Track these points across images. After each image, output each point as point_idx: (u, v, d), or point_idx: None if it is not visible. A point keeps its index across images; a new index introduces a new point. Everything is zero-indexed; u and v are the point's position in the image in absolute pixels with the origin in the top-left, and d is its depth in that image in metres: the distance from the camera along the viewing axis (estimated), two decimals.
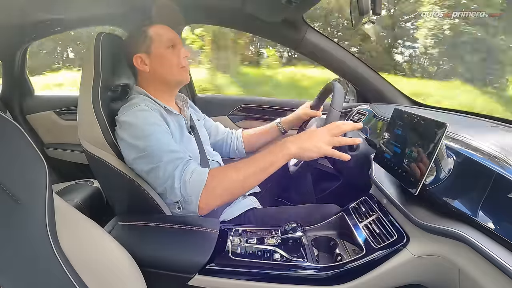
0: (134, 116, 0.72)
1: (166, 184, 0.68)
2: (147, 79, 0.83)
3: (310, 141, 0.65)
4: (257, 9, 1.07)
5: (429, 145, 0.56)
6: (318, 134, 0.66)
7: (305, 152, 0.65)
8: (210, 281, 0.62)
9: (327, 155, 0.66)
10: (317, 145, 0.65)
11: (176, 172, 0.66)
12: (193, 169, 0.67)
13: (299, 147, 0.65)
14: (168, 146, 0.70)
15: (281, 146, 0.66)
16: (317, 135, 0.66)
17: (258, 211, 0.88)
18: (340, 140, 0.67)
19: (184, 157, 0.70)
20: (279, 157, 0.66)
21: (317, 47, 1.19)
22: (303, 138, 0.66)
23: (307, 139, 0.66)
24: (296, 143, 0.66)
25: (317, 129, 0.68)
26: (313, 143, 0.65)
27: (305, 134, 0.67)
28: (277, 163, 0.66)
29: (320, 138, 0.66)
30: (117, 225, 0.70)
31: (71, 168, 1.58)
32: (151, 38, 0.80)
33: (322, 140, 0.65)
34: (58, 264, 0.44)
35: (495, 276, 0.46)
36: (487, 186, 0.51)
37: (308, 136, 0.66)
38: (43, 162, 0.48)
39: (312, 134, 0.67)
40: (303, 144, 0.65)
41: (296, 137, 0.67)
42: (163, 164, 0.68)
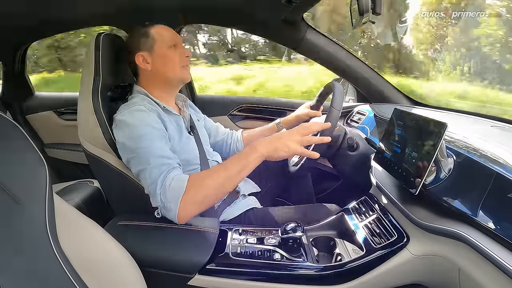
0: (130, 115, 0.72)
1: (150, 188, 0.68)
2: (148, 78, 0.83)
3: (280, 141, 0.67)
4: (257, 9, 1.07)
5: (429, 145, 0.56)
6: (287, 134, 0.69)
7: (276, 152, 0.67)
8: (210, 281, 0.62)
9: (297, 154, 0.68)
10: (287, 144, 0.67)
11: (160, 178, 0.67)
12: (174, 176, 0.67)
13: (270, 148, 0.67)
14: (159, 150, 0.69)
15: (252, 149, 0.67)
16: (286, 135, 0.68)
17: (258, 211, 0.88)
18: (309, 139, 0.69)
19: (171, 163, 0.69)
20: (251, 160, 0.67)
21: (317, 47, 1.19)
22: (274, 139, 0.68)
23: (277, 140, 0.68)
24: (266, 145, 0.67)
25: (288, 131, 0.71)
26: (282, 143, 0.67)
27: (275, 136, 0.69)
28: (249, 166, 0.67)
29: (289, 138, 0.67)
30: (117, 225, 0.71)
31: (71, 168, 1.58)
32: (153, 38, 0.80)
33: (291, 139, 0.67)
34: (58, 264, 0.44)
35: (495, 276, 0.46)
36: (487, 186, 0.51)
37: (278, 137, 0.68)
38: (43, 162, 0.48)
39: (282, 135, 0.69)
40: (273, 145, 0.67)
41: (266, 139, 0.69)
42: (149, 168, 0.68)
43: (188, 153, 0.81)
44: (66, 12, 1.19)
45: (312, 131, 0.70)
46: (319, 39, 1.18)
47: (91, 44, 0.79)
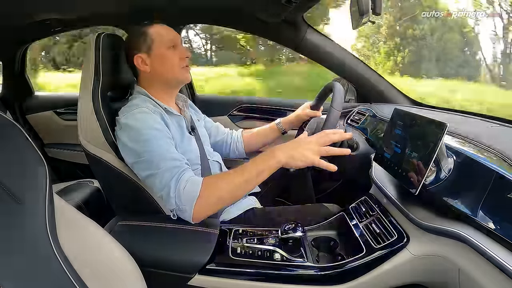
0: (134, 118, 0.72)
1: (162, 192, 0.68)
2: (147, 79, 0.83)
3: (299, 150, 0.66)
4: (257, 9, 1.07)
5: (429, 145, 0.56)
6: (306, 143, 0.67)
7: (293, 161, 0.66)
8: (210, 281, 0.62)
9: (314, 165, 0.66)
10: (305, 154, 0.65)
11: (172, 181, 0.67)
12: (188, 179, 0.67)
13: (288, 156, 0.66)
14: (167, 153, 0.70)
15: (271, 155, 0.67)
16: (306, 144, 0.67)
17: (258, 211, 0.88)
18: (328, 150, 0.66)
19: (181, 165, 0.70)
20: (269, 166, 0.66)
21: (317, 47, 1.19)
22: (292, 147, 0.67)
23: (296, 148, 0.66)
24: (285, 152, 0.66)
25: (306, 137, 0.69)
26: (301, 152, 0.65)
27: (294, 143, 0.68)
28: (266, 172, 0.67)
29: (309, 147, 0.66)
30: (117, 225, 0.70)
31: (71, 168, 1.58)
32: (152, 38, 0.80)
33: (310, 149, 0.66)
34: (58, 264, 0.44)
35: (495, 276, 0.46)
36: (487, 186, 0.51)
37: (297, 145, 0.67)
38: (43, 162, 0.47)
39: (301, 143, 0.67)
40: (292, 153, 0.66)
41: (285, 145, 0.68)
42: (160, 172, 0.68)
43: (189, 153, 0.81)
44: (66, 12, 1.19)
45: (332, 140, 0.68)
46: (319, 39, 1.18)
47: (91, 44, 0.79)
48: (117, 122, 0.75)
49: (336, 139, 0.69)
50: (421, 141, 0.59)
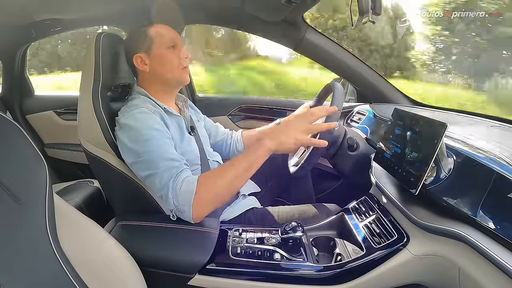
0: (134, 119, 0.72)
1: (162, 192, 0.68)
2: (147, 79, 0.83)
3: (287, 133, 0.66)
4: (257, 9, 1.07)
5: (429, 145, 0.56)
6: (294, 124, 0.67)
7: (283, 145, 0.66)
8: (210, 281, 0.62)
9: (304, 144, 0.67)
10: (294, 135, 0.66)
11: (170, 182, 0.67)
12: (183, 179, 0.67)
13: (277, 142, 0.66)
14: (167, 153, 0.70)
15: (259, 144, 0.67)
16: (292, 126, 0.67)
17: (258, 211, 0.88)
18: (317, 127, 0.67)
19: (179, 166, 0.70)
20: (259, 155, 0.67)
21: (317, 47, 1.19)
22: (280, 131, 0.67)
23: (284, 132, 0.67)
24: (273, 138, 0.67)
25: (292, 119, 0.69)
26: (290, 135, 0.66)
27: (281, 129, 0.68)
28: (258, 161, 0.67)
29: (296, 128, 0.66)
30: (117, 225, 0.70)
31: (71, 168, 1.58)
32: (151, 38, 0.79)
33: (298, 129, 0.66)
34: (58, 264, 0.44)
35: (495, 276, 0.46)
36: (487, 186, 0.51)
37: (284, 128, 0.67)
38: (43, 162, 0.47)
39: (288, 126, 0.67)
40: (280, 138, 0.66)
41: (273, 132, 0.68)
42: (159, 172, 0.68)
43: (189, 153, 0.81)
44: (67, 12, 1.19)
45: (319, 116, 0.69)
46: (319, 39, 1.18)
47: (91, 44, 0.79)
48: (117, 122, 0.75)
49: (323, 115, 0.70)
50: (421, 141, 0.59)
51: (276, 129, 0.69)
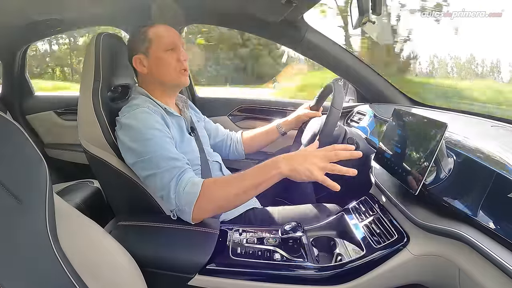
0: (135, 118, 0.72)
1: (163, 192, 0.68)
2: (146, 80, 0.83)
3: (304, 165, 0.62)
4: (257, 9, 1.07)
5: (429, 145, 0.56)
6: (313, 157, 0.63)
7: (297, 175, 0.63)
8: (210, 281, 0.62)
9: (318, 181, 0.62)
10: (310, 169, 0.62)
11: (172, 182, 0.67)
12: (187, 180, 0.67)
13: (292, 168, 0.63)
14: (168, 153, 0.69)
15: (274, 165, 0.64)
16: (312, 158, 0.63)
17: (258, 211, 0.88)
18: (334, 168, 0.63)
19: (181, 166, 0.69)
20: (271, 176, 0.64)
21: (317, 47, 1.19)
22: (297, 160, 0.63)
23: (302, 161, 0.63)
24: (289, 164, 0.63)
25: (313, 150, 0.65)
26: (306, 167, 0.62)
27: (300, 156, 0.64)
28: (268, 182, 0.64)
29: (315, 162, 0.62)
30: (117, 225, 0.70)
31: (71, 168, 1.57)
32: (150, 40, 0.79)
33: (316, 164, 0.62)
34: (58, 264, 0.44)
35: (495, 276, 0.46)
36: (487, 186, 0.51)
37: (303, 159, 0.63)
38: (43, 162, 0.47)
39: (308, 157, 0.63)
40: (296, 166, 0.62)
41: (291, 157, 0.64)
42: (160, 172, 0.67)
43: (189, 154, 0.81)
44: (67, 12, 1.19)
45: (340, 158, 0.64)
46: (319, 39, 1.18)
47: (91, 44, 0.79)
48: (117, 122, 0.75)
49: (346, 157, 0.65)
50: (421, 141, 0.59)
51: (296, 155, 0.65)
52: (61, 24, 1.27)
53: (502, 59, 5.46)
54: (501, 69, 5.66)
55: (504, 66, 5.51)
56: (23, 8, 1.08)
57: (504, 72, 5.56)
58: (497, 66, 5.62)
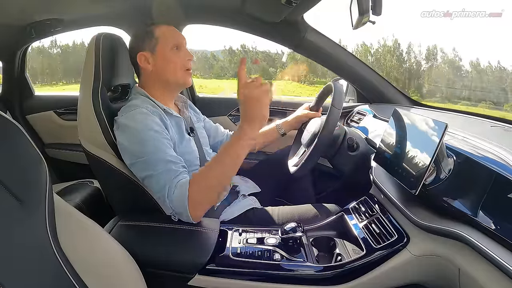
0: (133, 119, 0.72)
1: (159, 195, 0.69)
2: (149, 78, 0.83)
3: (255, 114, 0.65)
4: (257, 9, 1.07)
5: (429, 145, 0.56)
6: (257, 102, 0.65)
7: (259, 128, 0.67)
8: (210, 281, 0.62)
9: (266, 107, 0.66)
10: (264, 113, 0.66)
11: (166, 187, 0.67)
12: (176, 184, 0.68)
13: (253, 127, 0.66)
14: (165, 155, 0.70)
15: (239, 134, 0.66)
16: (259, 104, 0.65)
17: (258, 211, 0.88)
18: (266, 94, 0.66)
19: (176, 169, 0.70)
20: (243, 146, 0.67)
21: (317, 47, 1.19)
22: (250, 113, 0.66)
23: (252, 115, 0.65)
24: (249, 123, 0.66)
25: (249, 95, 0.65)
26: (259, 114, 0.65)
27: (246, 112, 0.66)
28: (243, 152, 0.67)
29: (264, 103, 0.65)
30: (117, 225, 0.70)
31: (71, 168, 1.57)
32: (157, 38, 0.80)
33: (264, 104, 0.65)
34: (58, 264, 0.44)
35: (495, 276, 0.46)
36: (487, 186, 0.51)
37: (251, 111, 0.66)
38: (43, 162, 0.47)
39: (254, 106, 0.65)
40: (254, 122, 0.66)
41: (244, 116, 0.66)
42: (157, 175, 0.68)
43: (188, 154, 0.81)
44: (67, 12, 1.19)
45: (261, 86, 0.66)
46: (319, 39, 1.18)
47: (91, 44, 0.79)
48: (115, 122, 0.76)
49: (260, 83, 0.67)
50: (421, 141, 0.59)
51: (243, 115, 0.67)
52: (61, 24, 1.27)
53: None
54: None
55: None
56: (23, 8, 1.08)
57: None
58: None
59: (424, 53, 10.11)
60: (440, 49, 9.59)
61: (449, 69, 10.11)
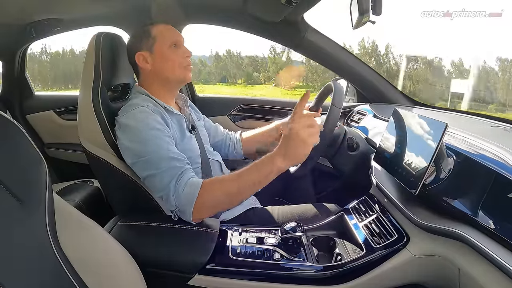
0: (134, 118, 0.72)
1: (162, 193, 0.68)
2: (148, 77, 0.83)
3: (296, 151, 0.62)
4: (257, 9, 1.07)
5: (429, 145, 0.56)
6: (302, 140, 0.62)
7: (293, 163, 0.64)
8: (210, 281, 0.62)
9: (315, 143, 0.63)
10: (302, 152, 0.62)
11: (172, 183, 0.67)
12: (186, 181, 0.67)
13: (287, 161, 0.63)
14: (167, 153, 0.69)
15: (271, 161, 0.64)
16: (302, 142, 0.62)
17: (258, 211, 0.88)
18: (316, 140, 0.63)
19: (181, 166, 0.69)
20: (269, 173, 0.64)
21: (317, 47, 1.19)
22: (291, 149, 0.62)
23: (293, 150, 0.62)
24: (284, 157, 0.63)
25: (294, 134, 0.62)
26: (298, 152, 0.62)
27: (292, 145, 0.62)
28: (267, 179, 0.65)
29: (307, 143, 0.62)
30: (117, 225, 0.70)
31: (71, 168, 1.57)
32: (154, 37, 0.80)
33: (308, 145, 0.62)
34: (58, 264, 0.44)
35: (495, 276, 0.46)
36: (487, 186, 0.51)
37: (294, 146, 0.62)
38: (43, 162, 0.47)
39: (298, 142, 0.62)
40: (290, 157, 0.63)
41: (285, 148, 0.63)
42: (160, 173, 0.68)
43: (189, 152, 0.81)
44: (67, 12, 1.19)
45: (318, 128, 0.64)
46: (319, 39, 1.18)
47: (91, 44, 0.79)
48: (117, 122, 0.75)
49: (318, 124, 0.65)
50: (421, 141, 0.59)
51: (283, 146, 0.63)
52: (60, 24, 1.27)
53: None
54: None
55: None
56: (23, 8, 1.08)
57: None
58: None
59: (405, 54, 10.31)
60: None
61: (428, 69, 10.21)
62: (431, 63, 10.27)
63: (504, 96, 8.87)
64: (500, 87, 9.09)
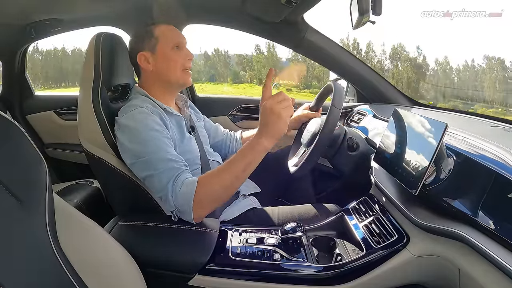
0: (133, 119, 0.72)
1: (161, 194, 0.69)
2: (149, 78, 0.83)
3: (275, 127, 0.66)
4: (257, 9, 1.07)
5: (429, 145, 0.56)
6: (278, 115, 0.65)
7: (276, 139, 0.67)
8: (210, 281, 0.62)
9: (290, 115, 0.68)
10: (281, 127, 0.66)
11: (169, 184, 0.67)
12: (183, 181, 0.67)
13: (271, 136, 0.66)
14: (165, 154, 0.70)
15: (257, 144, 0.67)
16: (279, 117, 0.65)
17: (258, 211, 0.88)
18: (290, 112, 0.67)
19: (179, 167, 0.70)
20: (257, 153, 0.67)
21: (317, 47, 1.19)
22: (271, 125, 0.66)
23: (272, 126, 0.66)
24: (268, 133, 0.66)
25: (268, 110, 0.66)
26: (278, 127, 0.66)
27: (270, 121, 0.66)
28: (256, 160, 0.67)
29: (283, 117, 0.65)
30: (117, 225, 0.70)
31: (71, 168, 1.57)
32: (157, 38, 0.80)
33: (284, 118, 0.65)
34: (58, 264, 0.44)
35: (495, 276, 0.46)
36: (487, 186, 0.51)
37: (272, 121, 0.66)
38: (43, 162, 0.47)
39: (275, 117, 0.65)
40: (274, 132, 0.66)
41: (265, 127, 0.66)
42: (158, 174, 0.68)
43: (189, 153, 0.81)
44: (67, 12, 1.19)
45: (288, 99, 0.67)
46: (319, 39, 1.18)
47: (91, 44, 0.79)
48: (116, 122, 0.75)
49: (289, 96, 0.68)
50: (421, 141, 0.59)
51: (264, 125, 0.67)
52: (61, 24, 1.27)
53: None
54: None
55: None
56: (23, 8, 1.08)
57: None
58: None
59: (389, 53, 10.34)
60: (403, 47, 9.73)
61: (413, 68, 10.22)
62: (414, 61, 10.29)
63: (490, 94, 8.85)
64: (487, 86, 9.09)
